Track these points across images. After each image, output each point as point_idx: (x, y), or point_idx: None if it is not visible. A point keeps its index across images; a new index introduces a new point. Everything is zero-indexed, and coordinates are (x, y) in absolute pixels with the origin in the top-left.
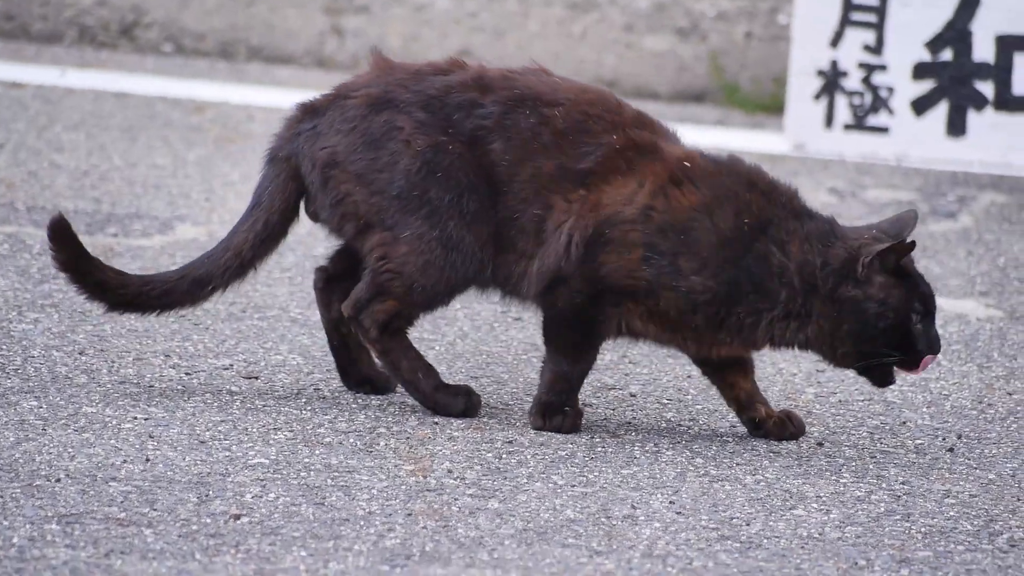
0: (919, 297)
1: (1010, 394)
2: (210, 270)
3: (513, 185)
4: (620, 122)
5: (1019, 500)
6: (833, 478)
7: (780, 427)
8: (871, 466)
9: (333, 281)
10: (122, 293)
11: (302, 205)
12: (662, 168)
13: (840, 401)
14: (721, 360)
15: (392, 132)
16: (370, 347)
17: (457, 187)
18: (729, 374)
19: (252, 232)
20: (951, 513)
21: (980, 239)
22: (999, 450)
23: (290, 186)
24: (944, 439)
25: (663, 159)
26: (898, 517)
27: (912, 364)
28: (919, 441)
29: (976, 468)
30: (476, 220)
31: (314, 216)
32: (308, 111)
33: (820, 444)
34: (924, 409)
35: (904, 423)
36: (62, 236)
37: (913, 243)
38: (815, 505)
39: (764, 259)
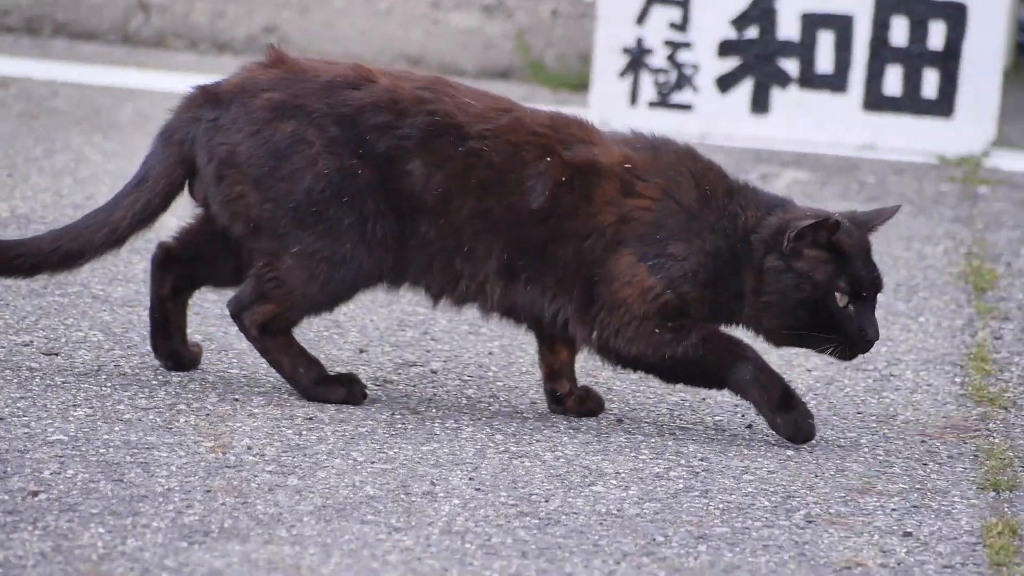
0: (848, 276)
1: (809, 371)
2: (84, 245)
3: (450, 216)
4: (546, 143)
5: (816, 476)
6: (632, 454)
7: (579, 404)
8: (670, 443)
9: (172, 261)
10: None
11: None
12: (609, 185)
13: (639, 378)
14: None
15: (298, 146)
16: (252, 344)
17: (362, 213)
18: (559, 342)
19: (131, 211)
20: (749, 489)
21: None
22: None
23: (177, 171)
24: (743, 416)
25: (605, 174)
26: (696, 493)
27: (845, 349)
28: (718, 418)
29: (774, 445)
30: (381, 246)
31: (202, 201)
32: (210, 98)
33: (619, 421)
34: None
35: (704, 400)
36: None
37: (838, 222)
38: (614, 481)
39: (734, 221)
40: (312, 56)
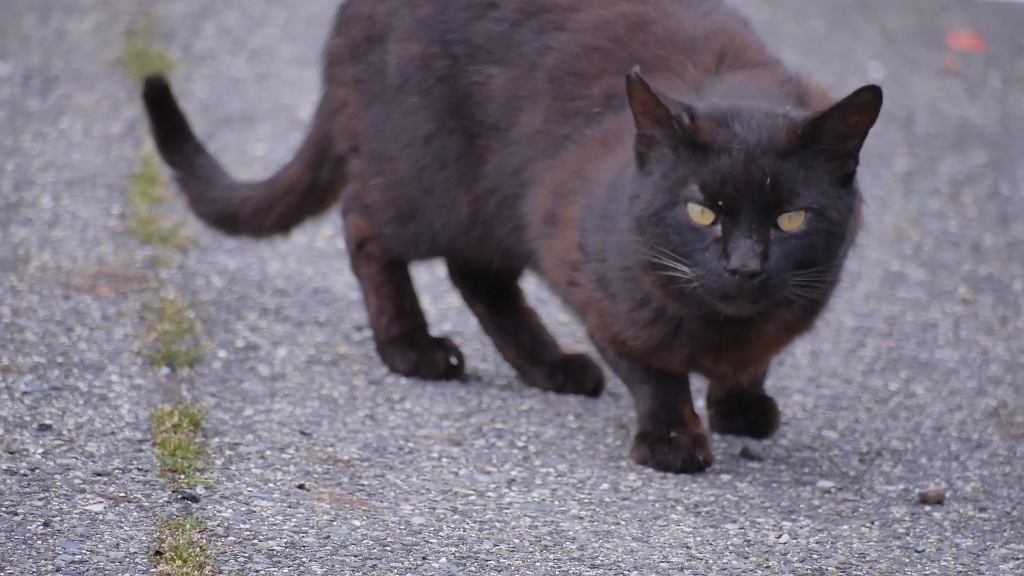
0: None
1: None
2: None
3: (509, 140)
4: (624, 57)
5: None
6: None
7: None
8: None
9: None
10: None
11: None
12: (612, 123)
13: None
14: None
15: (388, 31)
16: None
17: (434, 121)
18: None
19: None
20: None
21: None
22: None
23: None
24: None
25: (623, 114)
26: None
27: None
28: None
29: None
30: (461, 177)
31: None
32: None
33: None
34: None
35: None
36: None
37: None
38: None
39: None
40: None
